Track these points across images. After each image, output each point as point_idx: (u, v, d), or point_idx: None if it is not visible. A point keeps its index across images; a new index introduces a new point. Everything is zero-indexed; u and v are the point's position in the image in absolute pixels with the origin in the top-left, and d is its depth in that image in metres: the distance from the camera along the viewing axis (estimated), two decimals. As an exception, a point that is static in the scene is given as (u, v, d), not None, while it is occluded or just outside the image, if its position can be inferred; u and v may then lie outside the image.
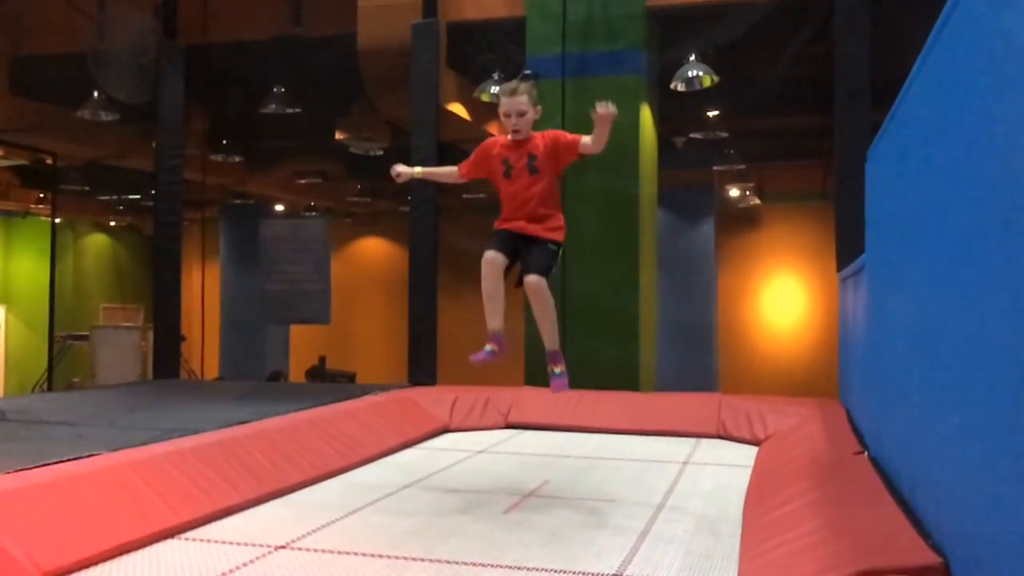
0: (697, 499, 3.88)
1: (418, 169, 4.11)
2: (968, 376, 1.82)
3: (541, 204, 3.75)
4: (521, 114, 3.72)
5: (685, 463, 4.78)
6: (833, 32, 6.16)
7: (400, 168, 4.04)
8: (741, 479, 4.14)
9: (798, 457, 4.03)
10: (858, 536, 2.32)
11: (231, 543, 3.12)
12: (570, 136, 3.82)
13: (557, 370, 3.69)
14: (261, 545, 3.09)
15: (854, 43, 5.97)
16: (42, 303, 11.87)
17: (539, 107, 3.81)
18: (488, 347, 3.71)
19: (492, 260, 3.68)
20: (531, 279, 3.67)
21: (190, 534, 3.22)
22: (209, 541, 3.16)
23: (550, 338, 3.73)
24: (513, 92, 3.73)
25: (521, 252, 3.71)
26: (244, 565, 2.86)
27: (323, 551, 3.02)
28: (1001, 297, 1.54)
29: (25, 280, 17.00)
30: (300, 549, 3.05)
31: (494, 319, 3.65)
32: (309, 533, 3.25)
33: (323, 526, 3.36)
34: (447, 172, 4.07)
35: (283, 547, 3.07)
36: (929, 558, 2.03)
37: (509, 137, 3.81)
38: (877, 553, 2.11)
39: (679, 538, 3.23)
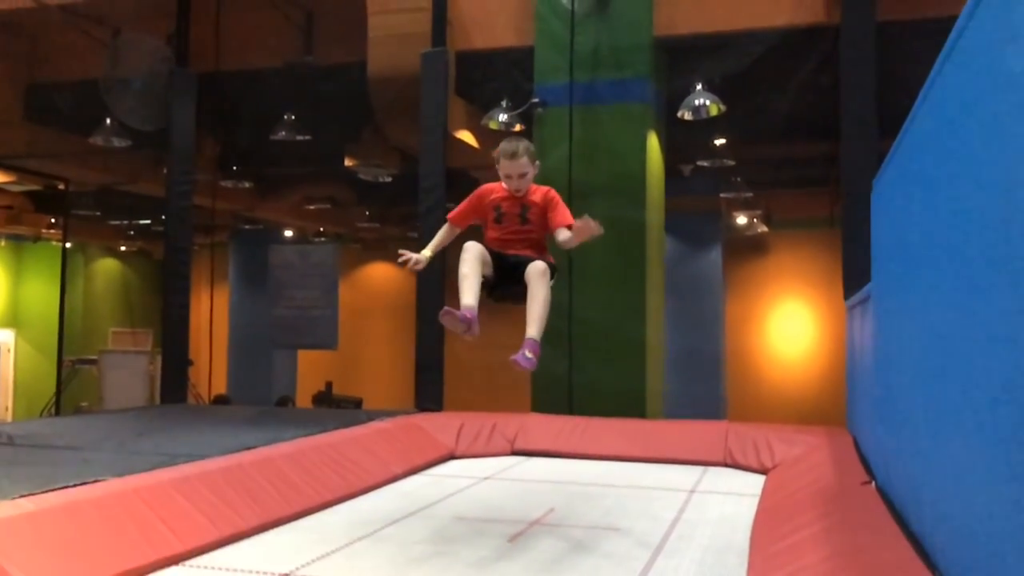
0: (704, 528, 3.85)
1: (427, 251, 4.00)
2: (973, 405, 1.81)
3: (529, 247, 3.72)
4: (522, 175, 3.72)
5: (692, 491, 4.75)
6: (839, 62, 6.20)
7: (411, 256, 3.93)
8: (748, 508, 4.11)
9: (805, 487, 4.00)
10: (864, 566, 2.30)
11: (235, 570, 3.11)
12: (560, 214, 3.79)
13: (529, 354, 3.57)
14: (265, 573, 3.07)
15: (860, 73, 6.00)
16: (51, 327, 11.92)
17: (538, 162, 3.81)
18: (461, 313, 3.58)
19: (473, 246, 3.61)
20: (537, 264, 3.60)
21: (194, 562, 3.22)
22: (214, 568, 3.15)
23: (536, 326, 3.58)
24: (514, 155, 3.71)
25: (510, 272, 3.63)
26: (248, 592, 2.85)
27: None
28: (1006, 325, 1.54)
29: (35, 304, 17.09)
30: None
31: (468, 296, 3.53)
32: (313, 561, 3.24)
33: (327, 554, 3.35)
34: (445, 234, 4.00)
35: (287, 575, 3.06)
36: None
37: (508, 190, 3.79)
38: (883, 584, 2.10)
39: (685, 568, 3.20)
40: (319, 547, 3.44)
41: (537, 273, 3.60)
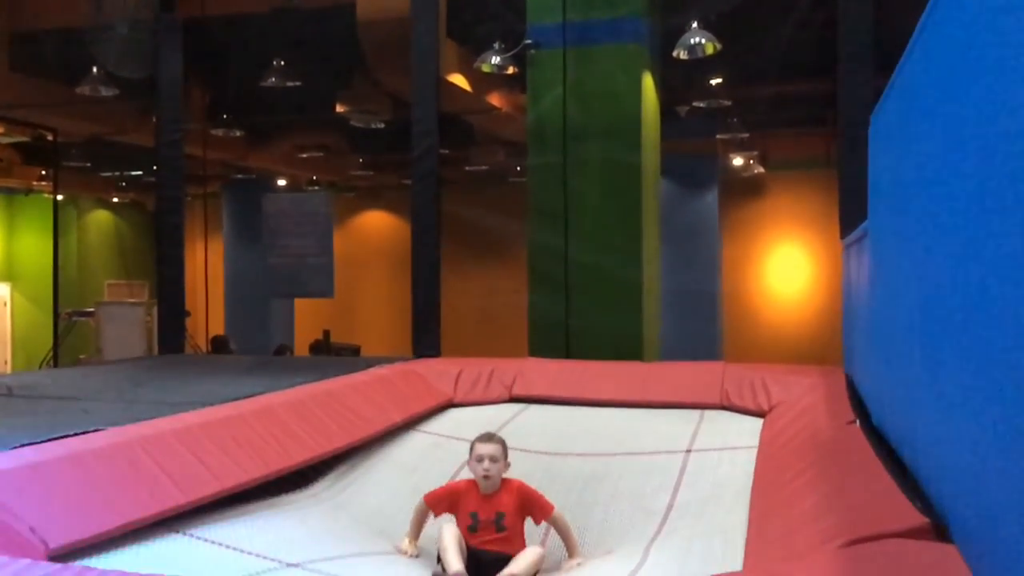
0: (701, 474, 3.85)
1: (411, 542, 3.72)
2: (969, 339, 1.81)
3: (509, 548, 3.58)
4: (494, 460, 3.64)
5: (688, 451, 4.66)
6: (836, -4, 6.09)
7: (405, 548, 3.71)
8: (744, 453, 4.11)
9: (799, 432, 4.01)
10: (849, 507, 2.33)
11: (241, 550, 3.11)
12: (539, 510, 3.67)
13: None
14: (270, 559, 3.06)
15: (857, 6, 5.90)
16: (47, 280, 11.91)
17: (508, 462, 3.73)
18: None
19: (453, 529, 3.50)
20: (534, 548, 3.54)
21: (195, 532, 3.20)
22: (216, 543, 3.14)
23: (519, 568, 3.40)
24: (489, 439, 3.70)
25: (489, 568, 3.45)
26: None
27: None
28: (1003, 260, 1.53)
29: (29, 257, 17.06)
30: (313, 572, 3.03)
31: (455, 562, 3.33)
32: (323, 559, 3.20)
33: (337, 557, 3.29)
34: (422, 514, 3.77)
35: (295, 565, 3.04)
36: (915, 520, 2.05)
37: (479, 484, 3.66)
38: (866, 521, 2.14)
39: (684, 513, 3.23)
40: (328, 545, 3.39)
41: (534, 548, 3.54)
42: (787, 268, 15.55)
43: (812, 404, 4.54)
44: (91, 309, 14.14)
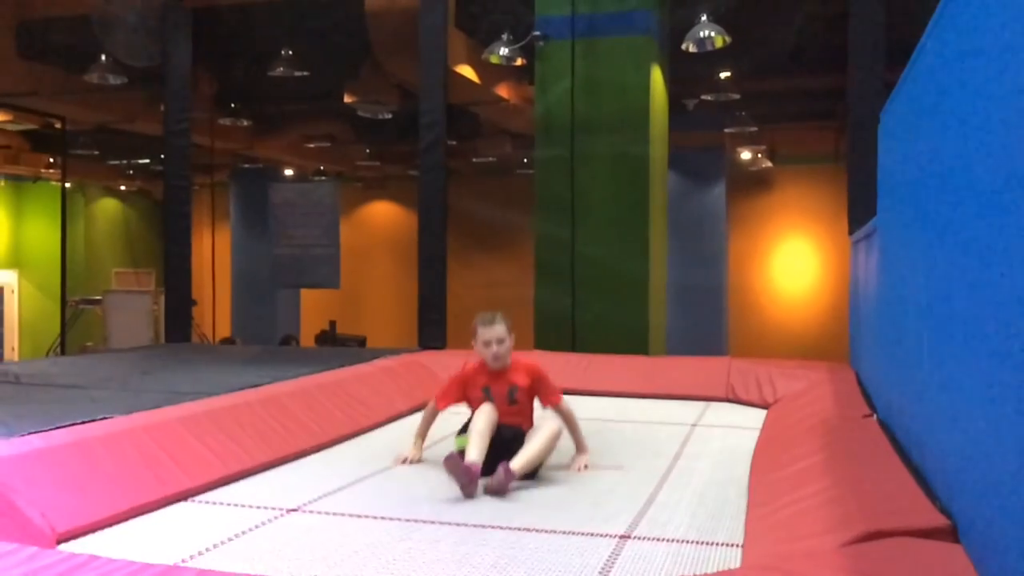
0: (705, 461, 3.90)
1: (417, 445, 3.85)
2: (978, 337, 1.81)
3: (523, 422, 3.69)
4: (500, 341, 3.69)
5: (694, 426, 4.79)
6: (847, -10, 6.06)
7: (407, 456, 3.81)
8: (749, 442, 4.15)
9: (806, 419, 4.03)
10: (865, 497, 2.32)
11: (243, 506, 3.15)
12: (547, 393, 3.75)
13: (501, 475, 3.31)
14: (273, 508, 3.12)
15: (868, 1, 5.87)
16: (54, 268, 11.94)
17: (513, 334, 3.76)
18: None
19: (491, 409, 3.55)
20: (552, 424, 3.60)
21: (202, 497, 3.26)
22: (222, 504, 3.19)
23: (523, 460, 3.39)
24: (492, 322, 3.72)
25: (507, 446, 3.50)
26: (257, 527, 2.89)
27: (334, 514, 3.06)
28: (1013, 258, 1.53)
29: (37, 245, 17.10)
30: (311, 512, 3.09)
31: (475, 452, 3.38)
32: (321, 497, 3.28)
33: (335, 490, 3.39)
34: (430, 416, 3.87)
35: (295, 510, 3.10)
36: (936, 520, 2.03)
37: (489, 364, 3.71)
38: (884, 514, 2.12)
39: (687, 500, 3.24)
40: (326, 484, 3.48)
41: (549, 424, 3.59)
42: (794, 263, 15.52)
43: (820, 397, 4.55)
44: (98, 297, 14.18)
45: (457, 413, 3.99)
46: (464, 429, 3.61)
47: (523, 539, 2.76)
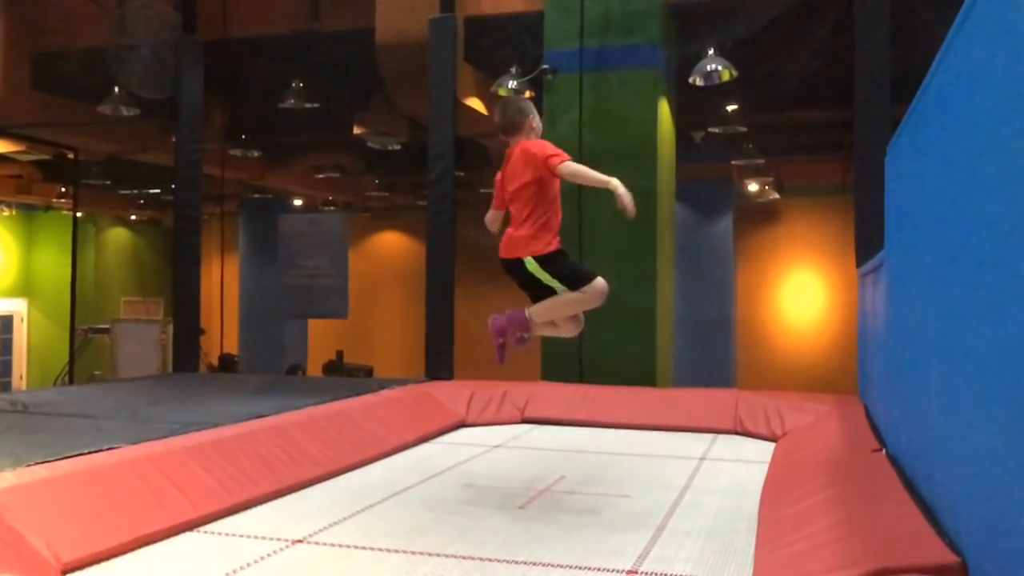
0: (714, 495, 3.87)
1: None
2: (987, 373, 1.80)
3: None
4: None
5: (702, 459, 4.76)
6: (853, 25, 6.11)
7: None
8: (758, 475, 4.12)
9: (815, 453, 4.00)
10: (874, 534, 2.30)
11: (249, 536, 3.14)
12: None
13: (526, 335, 3.50)
14: (278, 539, 3.10)
15: (874, 36, 5.91)
16: (64, 297, 11.98)
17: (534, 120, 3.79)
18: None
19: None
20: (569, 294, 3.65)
21: (208, 528, 3.25)
22: (227, 535, 3.18)
23: (541, 308, 3.51)
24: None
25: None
26: (262, 559, 2.88)
27: (340, 545, 3.04)
28: (1020, 292, 1.53)
29: (47, 274, 17.19)
30: (317, 543, 3.07)
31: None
32: (326, 528, 3.27)
33: (340, 520, 3.38)
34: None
35: (300, 541, 3.09)
36: (946, 557, 2.01)
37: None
38: (894, 551, 2.10)
39: (695, 535, 3.22)
40: (331, 514, 3.46)
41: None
42: (802, 295, 15.48)
43: (829, 430, 4.52)
44: (107, 326, 14.21)
45: (462, 444, 3.96)
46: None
47: (529, 573, 2.74)
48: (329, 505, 3.63)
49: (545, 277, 3.51)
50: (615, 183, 3.44)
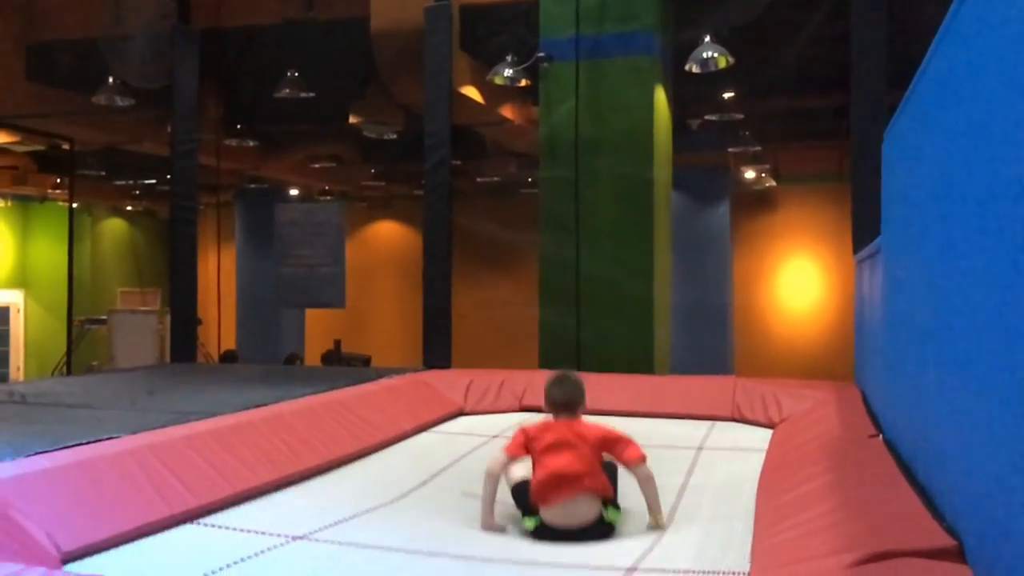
0: (711, 488, 3.84)
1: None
2: (984, 358, 1.81)
3: None
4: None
5: (699, 449, 4.77)
6: (850, 11, 6.10)
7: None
8: (756, 462, 4.12)
9: (812, 439, 4.02)
10: (872, 518, 2.32)
11: (249, 531, 3.12)
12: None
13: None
14: (279, 535, 3.08)
15: (871, 22, 5.91)
16: (60, 288, 11.97)
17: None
18: None
19: None
20: None
21: (208, 520, 3.24)
22: (227, 528, 3.17)
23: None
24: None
25: None
26: (261, 553, 2.88)
27: (339, 543, 3.02)
28: (1018, 278, 1.53)
29: (43, 265, 17.16)
30: (317, 540, 3.05)
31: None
32: (327, 526, 3.22)
33: (342, 520, 3.33)
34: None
35: (300, 537, 3.07)
36: (943, 540, 2.03)
37: None
38: (891, 535, 2.11)
39: (695, 525, 3.22)
40: (332, 511, 3.42)
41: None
42: (799, 282, 15.51)
43: (825, 416, 4.53)
44: (104, 317, 14.21)
45: (460, 434, 3.95)
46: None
47: (527, 572, 2.72)
48: (331, 501, 3.61)
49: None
50: (663, 521, 3.25)
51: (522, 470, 3.29)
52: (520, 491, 3.23)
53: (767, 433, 4.99)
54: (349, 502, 3.62)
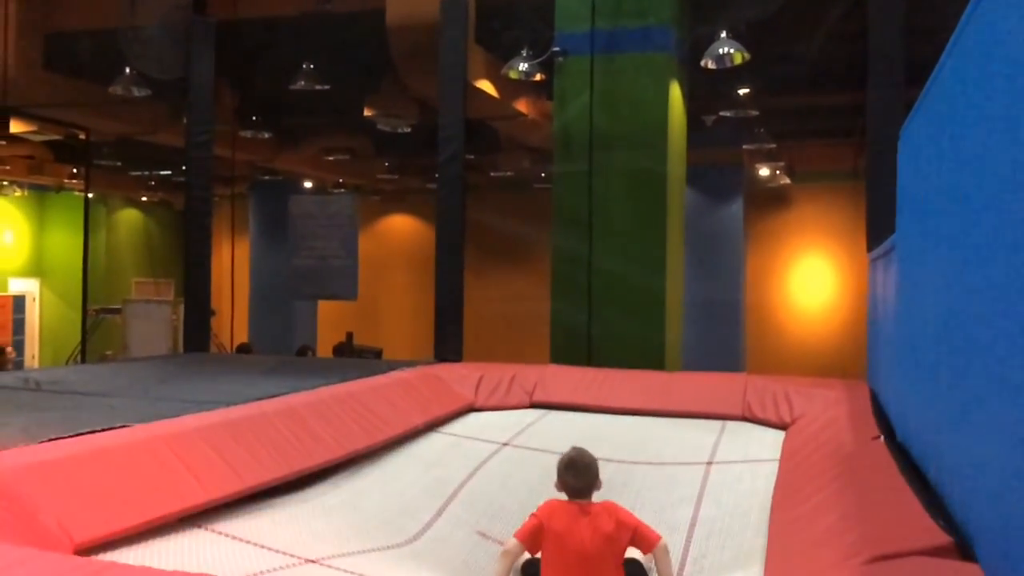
0: (721, 517, 3.77)
1: None
2: (997, 357, 1.80)
3: None
4: None
5: (710, 462, 4.57)
6: (866, 8, 6.06)
7: None
8: (766, 479, 4.04)
9: (822, 446, 3.98)
10: (872, 524, 2.32)
11: (263, 547, 3.09)
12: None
13: None
14: (292, 555, 3.06)
15: (888, 19, 5.86)
16: (75, 277, 12.07)
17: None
18: None
19: None
20: None
21: (222, 528, 3.20)
22: (240, 540, 3.13)
23: None
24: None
25: None
26: (271, 571, 2.87)
27: (350, 573, 3.00)
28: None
29: (59, 254, 17.29)
30: (328, 568, 3.02)
31: None
32: (341, 555, 3.19)
33: (358, 552, 3.28)
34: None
35: (313, 561, 3.04)
36: (939, 539, 2.04)
37: None
38: (890, 539, 2.13)
39: (706, 532, 3.20)
40: (351, 538, 3.37)
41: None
42: (812, 280, 15.45)
43: (835, 418, 4.50)
44: (118, 306, 14.30)
45: (471, 438, 3.88)
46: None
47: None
48: (349, 523, 3.54)
49: None
50: None
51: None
52: (531, 571, 3.28)
53: (777, 437, 4.88)
54: (365, 531, 3.55)
